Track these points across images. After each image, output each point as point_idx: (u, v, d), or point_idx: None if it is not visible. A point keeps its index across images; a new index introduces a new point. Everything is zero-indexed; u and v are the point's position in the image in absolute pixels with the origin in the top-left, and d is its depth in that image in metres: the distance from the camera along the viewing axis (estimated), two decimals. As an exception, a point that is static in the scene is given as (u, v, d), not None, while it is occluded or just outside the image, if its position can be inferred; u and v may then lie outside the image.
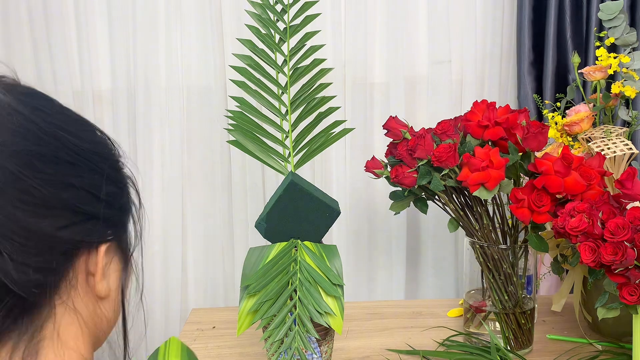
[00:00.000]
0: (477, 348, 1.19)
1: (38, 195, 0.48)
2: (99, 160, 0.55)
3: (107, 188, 0.55)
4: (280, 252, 1.09)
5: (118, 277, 0.59)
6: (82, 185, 0.52)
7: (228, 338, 1.29)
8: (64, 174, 0.51)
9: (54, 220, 0.50)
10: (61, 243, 0.50)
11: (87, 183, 0.53)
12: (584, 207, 0.96)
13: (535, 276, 1.23)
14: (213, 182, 1.65)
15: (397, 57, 1.60)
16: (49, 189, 0.49)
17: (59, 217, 0.50)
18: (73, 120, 0.55)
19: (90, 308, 0.55)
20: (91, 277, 0.54)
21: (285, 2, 1.15)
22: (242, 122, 1.15)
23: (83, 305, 0.54)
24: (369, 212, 1.66)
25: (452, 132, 1.12)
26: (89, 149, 0.54)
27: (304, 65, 1.16)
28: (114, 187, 0.56)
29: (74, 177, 0.52)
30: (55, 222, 0.50)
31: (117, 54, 1.59)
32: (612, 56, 1.24)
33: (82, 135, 0.55)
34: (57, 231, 0.50)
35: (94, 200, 0.53)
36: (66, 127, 0.53)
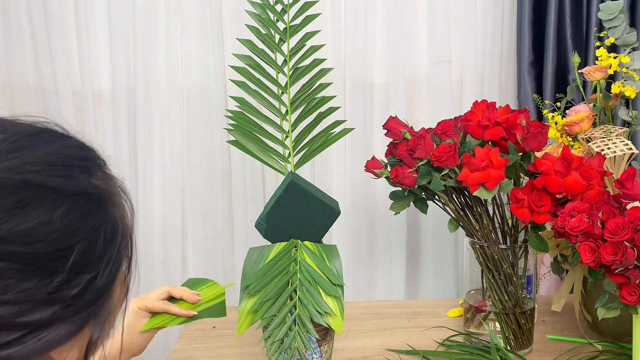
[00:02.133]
0: (477, 348, 1.19)
1: None
2: (58, 257, 0.46)
3: (74, 282, 0.46)
4: (280, 252, 1.09)
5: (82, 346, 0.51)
6: (22, 299, 0.44)
7: (228, 338, 1.29)
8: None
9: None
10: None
11: (33, 293, 0.44)
12: (584, 207, 0.96)
13: (535, 276, 1.23)
14: (213, 182, 1.65)
15: (397, 57, 1.60)
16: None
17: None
18: (10, 215, 0.44)
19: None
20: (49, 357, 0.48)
21: (285, 2, 1.15)
22: (242, 122, 1.15)
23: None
24: (369, 212, 1.66)
25: (452, 132, 1.11)
26: (39, 252, 0.44)
27: (304, 65, 1.16)
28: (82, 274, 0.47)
29: (11, 293, 0.43)
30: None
31: (117, 54, 1.59)
32: (612, 56, 1.24)
33: (28, 234, 0.44)
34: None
35: (46, 305, 0.45)
36: (3, 233, 0.43)
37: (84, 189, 0.48)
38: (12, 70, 1.58)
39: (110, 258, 0.50)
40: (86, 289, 0.48)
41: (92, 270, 0.48)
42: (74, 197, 0.47)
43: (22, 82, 1.59)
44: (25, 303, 0.44)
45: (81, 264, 0.47)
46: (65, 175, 0.47)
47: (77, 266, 0.47)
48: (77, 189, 0.48)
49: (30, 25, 1.56)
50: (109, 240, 0.50)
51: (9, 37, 1.57)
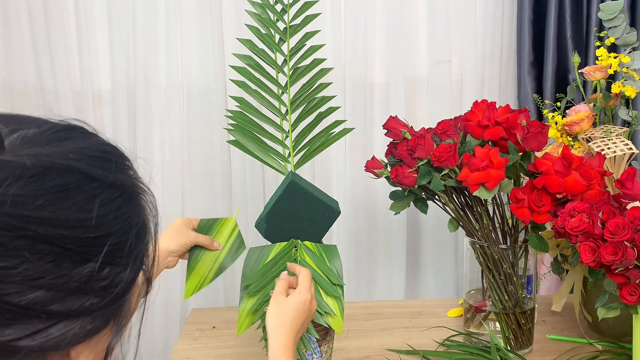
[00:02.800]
0: (477, 348, 1.19)
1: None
2: (93, 244, 0.46)
3: (101, 273, 0.47)
4: (280, 252, 1.09)
5: (102, 349, 0.51)
6: (56, 285, 0.44)
7: (228, 338, 1.29)
8: (30, 278, 0.43)
9: (10, 331, 0.43)
10: (18, 353, 0.44)
11: (66, 280, 0.45)
12: (584, 207, 0.96)
13: (535, 276, 1.23)
14: (213, 182, 1.65)
15: (397, 57, 1.60)
16: (4, 300, 0.42)
17: (16, 327, 0.43)
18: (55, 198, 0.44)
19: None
20: (67, 357, 0.48)
21: (285, 2, 1.15)
22: (242, 122, 1.15)
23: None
24: (369, 212, 1.66)
25: (452, 132, 1.11)
26: (78, 236, 0.45)
27: (304, 65, 1.16)
28: (112, 267, 0.48)
29: (46, 277, 0.44)
30: (12, 333, 0.43)
31: (117, 54, 1.59)
32: (612, 56, 1.24)
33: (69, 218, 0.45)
34: (14, 342, 0.43)
35: (74, 296, 0.46)
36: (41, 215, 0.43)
37: (120, 181, 0.50)
38: (12, 70, 1.58)
39: (138, 255, 0.51)
40: (114, 282, 0.48)
41: (121, 264, 0.49)
42: (112, 189, 0.48)
43: (22, 82, 1.59)
44: (58, 290, 0.44)
45: (113, 256, 0.48)
46: (104, 167, 0.49)
47: (109, 257, 0.47)
48: (115, 181, 0.49)
49: (30, 25, 1.56)
50: (138, 235, 0.51)
51: (9, 37, 1.57)
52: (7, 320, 0.43)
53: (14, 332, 0.43)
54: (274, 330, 0.90)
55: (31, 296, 0.43)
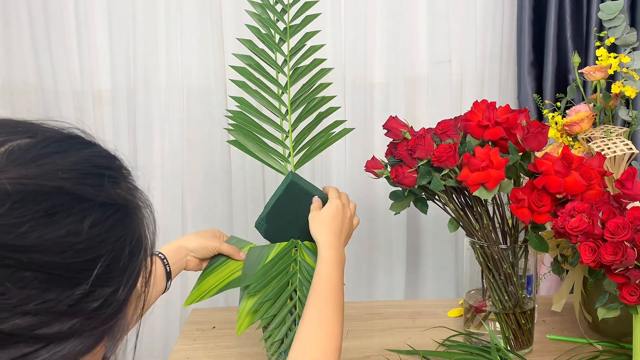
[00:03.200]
0: (477, 348, 1.19)
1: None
2: (83, 268, 0.44)
3: (94, 295, 0.45)
4: (280, 252, 1.09)
5: (100, 356, 0.50)
6: (44, 310, 0.43)
7: (228, 338, 1.29)
8: (15, 306, 0.41)
9: (1, 353, 0.42)
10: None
11: (54, 305, 0.43)
12: (584, 207, 0.96)
13: (535, 276, 1.23)
14: (213, 182, 1.65)
15: (397, 57, 1.60)
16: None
17: (9, 349, 0.42)
18: (40, 224, 0.42)
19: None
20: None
21: (285, 2, 1.15)
22: (242, 122, 1.15)
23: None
24: (369, 212, 1.66)
25: (452, 132, 1.11)
26: (65, 262, 0.43)
27: (304, 65, 1.16)
28: (103, 287, 0.46)
29: (29, 303, 0.42)
30: (3, 356, 0.42)
31: (117, 54, 1.59)
32: (612, 56, 1.24)
33: (56, 243, 0.43)
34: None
35: (64, 318, 0.44)
36: (25, 243, 0.41)
37: (112, 199, 0.47)
38: (12, 71, 1.58)
39: (132, 272, 0.49)
40: (106, 302, 0.46)
41: (114, 283, 0.47)
42: (103, 208, 0.46)
43: (22, 82, 1.59)
44: (45, 314, 0.43)
45: (105, 277, 0.46)
46: (95, 185, 0.46)
47: (100, 279, 0.45)
48: (106, 199, 0.47)
49: (30, 25, 1.56)
50: (132, 253, 0.49)
51: (9, 37, 1.57)
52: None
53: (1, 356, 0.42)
54: (316, 234, 1.01)
55: (17, 322, 0.42)
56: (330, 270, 0.95)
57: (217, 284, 1.07)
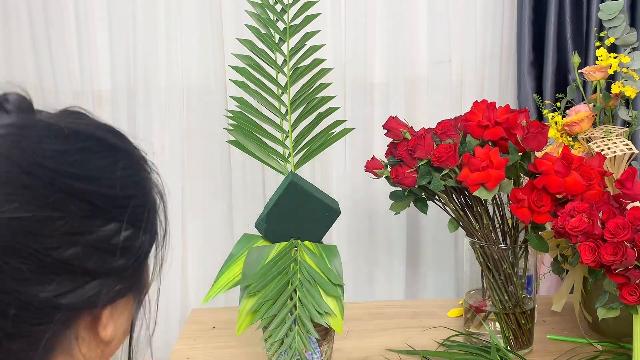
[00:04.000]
0: (477, 348, 1.19)
1: (34, 262, 0.44)
2: (118, 204, 0.49)
3: (124, 233, 0.49)
4: (280, 252, 1.09)
5: (128, 319, 0.54)
6: (90, 242, 0.47)
7: (228, 338, 1.29)
8: (68, 233, 0.45)
9: (52, 287, 0.45)
10: (60, 310, 0.46)
11: (97, 237, 0.47)
12: (584, 207, 0.96)
13: (535, 276, 1.23)
14: (213, 182, 1.65)
15: (397, 57, 1.60)
16: (46, 255, 0.44)
17: (59, 282, 0.45)
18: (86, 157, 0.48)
19: (93, 351, 0.51)
20: (95, 326, 0.51)
21: (285, 2, 1.15)
22: (242, 122, 1.15)
23: (86, 350, 0.50)
24: (369, 212, 1.66)
25: (452, 132, 1.11)
26: (106, 193, 0.48)
27: (304, 65, 1.16)
28: (134, 229, 0.51)
29: (81, 234, 0.46)
30: (55, 289, 0.45)
31: (117, 54, 1.59)
32: (612, 56, 1.24)
33: (98, 175, 0.48)
34: (56, 299, 0.45)
35: (104, 255, 0.48)
36: (76, 171, 0.47)
37: (135, 153, 0.54)
38: (12, 70, 1.58)
39: (154, 223, 0.54)
40: (134, 245, 0.51)
41: (140, 227, 0.51)
42: (130, 156, 0.53)
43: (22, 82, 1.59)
44: (91, 247, 0.47)
45: (135, 218, 0.51)
46: (121, 140, 0.53)
47: (131, 218, 0.50)
48: (131, 150, 0.53)
49: (30, 25, 1.56)
50: (155, 204, 0.55)
51: (9, 37, 1.57)
52: (49, 275, 0.45)
53: (55, 287, 0.45)
54: None
55: (70, 251, 0.45)
56: None
57: (231, 280, 1.08)
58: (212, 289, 1.08)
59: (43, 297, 0.45)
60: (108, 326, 0.51)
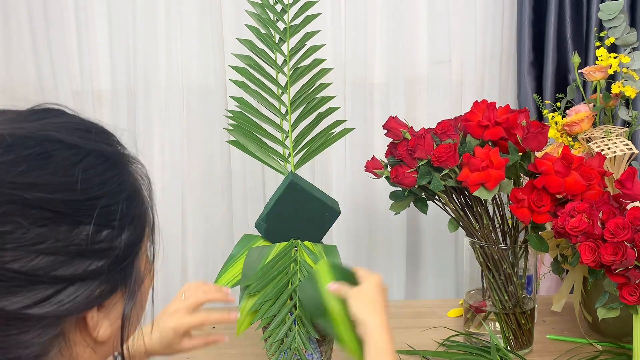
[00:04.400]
0: (477, 348, 1.19)
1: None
2: (82, 206, 0.47)
3: (98, 235, 0.48)
4: (280, 252, 1.09)
5: (120, 314, 0.53)
6: (56, 249, 0.45)
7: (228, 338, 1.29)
8: (27, 244, 0.44)
9: (19, 298, 0.44)
10: (34, 320, 0.45)
11: (65, 244, 0.46)
12: (584, 207, 0.96)
13: (535, 276, 1.23)
14: (213, 182, 1.65)
15: (397, 57, 1.59)
16: (4, 268, 0.43)
17: (26, 294, 0.44)
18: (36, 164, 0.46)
19: (90, 351, 0.51)
20: (85, 327, 0.50)
21: (285, 2, 1.15)
22: (242, 122, 1.15)
23: (81, 351, 0.50)
24: (369, 212, 1.66)
25: (452, 132, 1.11)
26: (64, 199, 0.46)
27: (304, 65, 1.16)
28: (109, 229, 0.49)
29: (42, 242, 0.44)
30: (22, 301, 0.44)
31: (117, 54, 1.59)
32: (612, 56, 1.24)
33: (52, 181, 0.46)
34: (26, 309, 0.44)
35: (76, 260, 0.46)
36: (25, 180, 0.44)
37: (102, 149, 0.51)
38: (12, 71, 1.58)
39: (134, 218, 0.52)
40: (113, 245, 0.49)
41: (116, 227, 0.49)
42: (93, 154, 0.50)
43: (22, 82, 1.59)
44: (59, 255, 0.45)
45: (107, 218, 0.49)
46: (85, 137, 0.50)
47: (103, 219, 0.48)
48: (96, 148, 0.50)
49: (30, 25, 1.56)
50: (130, 199, 0.52)
51: (9, 37, 1.57)
52: (12, 288, 0.44)
53: (21, 299, 0.44)
54: (364, 315, 0.83)
55: (34, 262, 0.44)
56: (385, 355, 0.81)
57: (231, 280, 1.08)
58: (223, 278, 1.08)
59: (11, 309, 0.43)
60: (99, 326, 0.50)
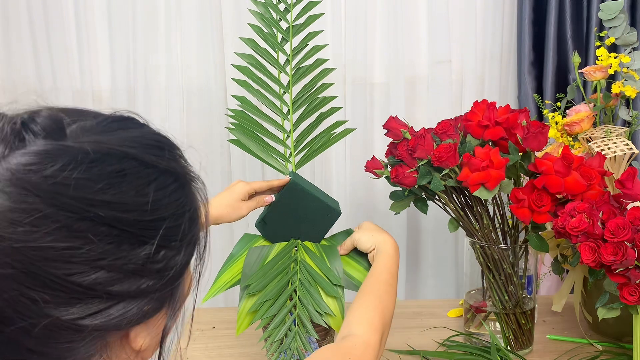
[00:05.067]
0: (477, 348, 1.19)
1: (55, 288, 0.44)
2: (149, 227, 0.48)
3: (156, 256, 0.49)
4: (280, 252, 1.09)
5: (161, 329, 0.54)
6: (116, 266, 0.46)
7: (228, 338, 1.29)
8: (91, 259, 0.45)
9: (75, 309, 0.45)
10: (84, 331, 0.46)
11: (125, 262, 0.47)
12: (584, 207, 0.96)
13: (536, 276, 1.23)
14: (213, 182, 1.65)
15: (397, 57, 1.60)
16: (68, 281, 0.44)
17: (82, 306, 0.46)
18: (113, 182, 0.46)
19: (125, 359, 0.52)
20: (126, 339, 0.51)
21: (289, 2, 1.15)
22: (243, 121, 1.15)
23: (116, 359, 0.51)
24: (369, 212, 1.66)
25: (452, 132, 1.11)
26: (135, 219, 0.47)
27: (306, 65, 1.16)
28: (167, 250, 0.50)
29: (105, 259, 0.46)
30: (78, 312, 0.45)
31: (117, 54, 1.59)
32: (613, 56, 1.24)
33: (127, 201, 0.47)
34: (80, 320, 0.46)
35: (132, 278, 0.47)
36: (101, 198, 0.45)
37: (173, 168, 0.52)
38: (12, 70, 1.58)
39: (191, 239, 0.53)
40: (168, 265, 0.50)
41: (175, 247, 0.51)
42: (165, 175, 0.50)
43: (22, 82, 1.59)
44: (118, 272, 0.46)
45: (168, 239, 0.49)
46: (157, 155, 0.51)
47: (164, 240, 0.49)
48: (168, 167, 0.51)
49: (30, 25, 1.56)
50: (192, 220, 0.53)
51: (9, 37, 1.57)
52: (71, 300, 0.45)
53: (77, 311, 0.45)
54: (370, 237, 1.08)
55: (93, 276, 0.45)
56: (392, 262, 1.01)
57: (231, 280, 1.08)
58: (211, 288, 1.08)
59: (66, 319, 0.45)
60: (138, 339, 0.51)
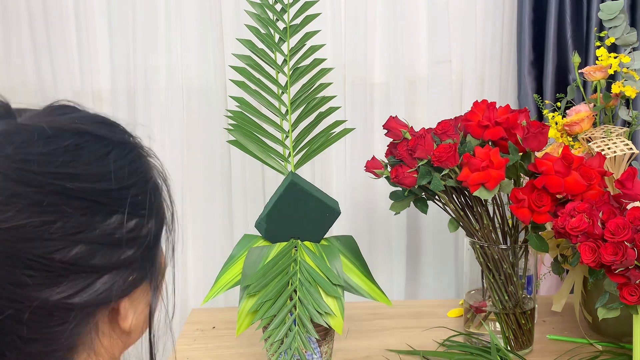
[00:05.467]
0: (477, 348, 1.19)
1: (39, 268, 0.44)
2: (116, 196, 0.49)
3: (128, 224, 0.49)
4: (280, 252, 1.09)
5: (146, 306, 0.55)
6: (93, 238, 0.47)
7: (228, 338, 1.29)
8: (69, 234, 0.45)
9: (62, 288, 0.45)
10: (74, 310, 0.47)
11: (100, 233, 0.47)
12: (584, 207, 0.96)
13: (536, 276, 1.23)
14: (213, 182, 1.65)
15: (397, 57, 1.60)
16: (50, 259, 0.44)
17: (67, 284, 0.46)
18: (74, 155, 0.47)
19: (115, 342, 0.52)
20: (115, 318, 0.51)
21: (285, 2, 1.15)
22: (242, 122, 1.15)
23: (107, 342, 0.51)
24: (369, 212, 1.66)
25: (452, 132, 1.11)
26: (101, 188, 0.48)
27: (304, 65, 1.16)
28: (138, 218, 0.51)
29: (82, 232, 0.46)
30: (64, 291, 0.46)
31: (117, 54, 1.59)
32: (613, 56, 1.24)
33: (90, 171, 0.48)
34: (68, 299, 0.46)
35: (110, 249, 0.48)
36: (65, 170, 0.46)
37: (126, 140, 0.53)
38: (12, 70, 1.58)
39: (159, 206, 0.54)
40: (141, 234, 0.51)
41: (144, 216, 0.51)
42: (120, 146, 0.52)
43: (22, 82, 1.59)
44: (95, 244, 0.47)
45: (136, 207, 0.50)
46: (109, 130, 0.52)
47: (133, 208, 0.50)
48: (122, 139, 0.53)
49: (30, 25, 1.56)
50: (154, 188, 0.54)
51: (8, 37, 1.57)
52: (57, 278, 0.45)
53: (64, 289, 0.45)
54: None
55: (74, 251, 0.45)
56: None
57: (231, 280, 1.08)
58: (212, 289, 1.08)
59: (54, 299, 0.45)
60: (127, 316, 0.52)
